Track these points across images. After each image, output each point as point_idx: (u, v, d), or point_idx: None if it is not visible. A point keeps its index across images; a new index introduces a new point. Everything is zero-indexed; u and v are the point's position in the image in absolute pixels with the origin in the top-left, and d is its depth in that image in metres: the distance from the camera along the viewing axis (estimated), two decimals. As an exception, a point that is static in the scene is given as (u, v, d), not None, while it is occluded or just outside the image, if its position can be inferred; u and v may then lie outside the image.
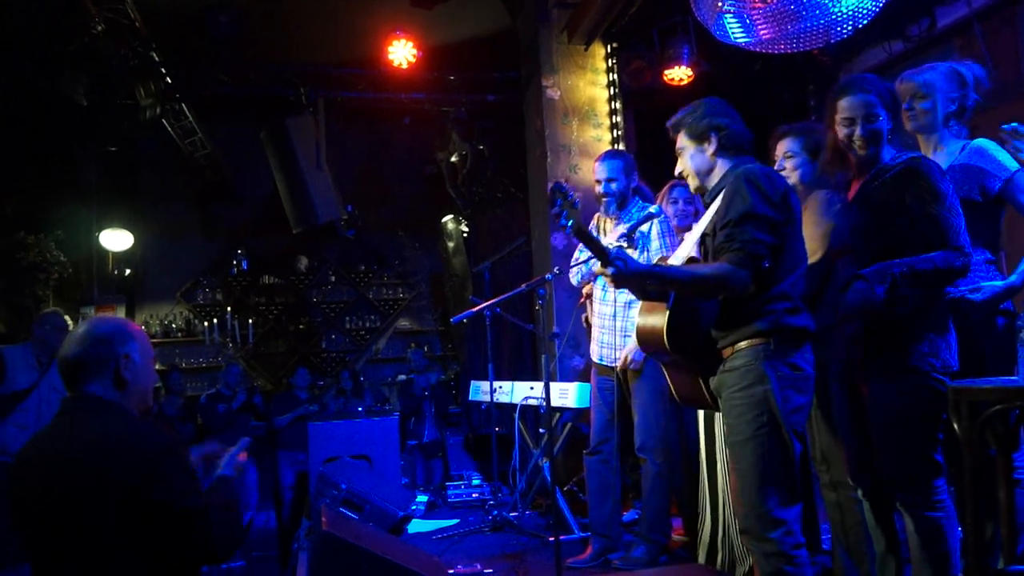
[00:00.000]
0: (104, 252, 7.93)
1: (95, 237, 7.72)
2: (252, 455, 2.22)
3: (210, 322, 8.40)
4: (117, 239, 7.65)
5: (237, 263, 8.66)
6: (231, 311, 8.52)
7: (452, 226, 7.91)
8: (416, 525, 4.43)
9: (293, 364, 8.37)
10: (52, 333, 4.31)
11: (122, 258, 8.06)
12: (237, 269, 8.68)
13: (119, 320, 2.09)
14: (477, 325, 6.95)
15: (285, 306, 8.92)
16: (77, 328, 2.02)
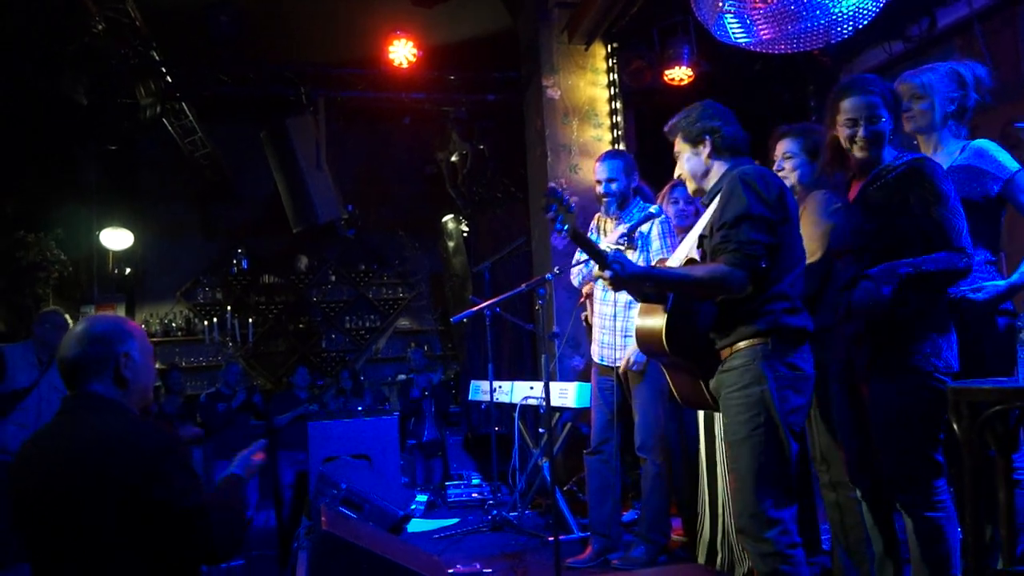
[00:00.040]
0: (104, 251, 7.93)
1: (95, 236, 7.73)
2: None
3: (210, 321, 8.42)
4: (117, 238, 7.66)
5: (237, 262, 8.66)
6: (231, 310, 8.53)
7: (452, 226, 7.91)
8: (416, 524, 4.43)
9: (293, 363, 8.37)
10: (52, 332, 4.31)
11: (122, 257, 8.07)
12: (237, 268, 8.68)
13: (117, 318, 2.08)
14: (477, 325, 6.95)
15: (285, 305, 8.92)
16: (75, 327, 2.00)
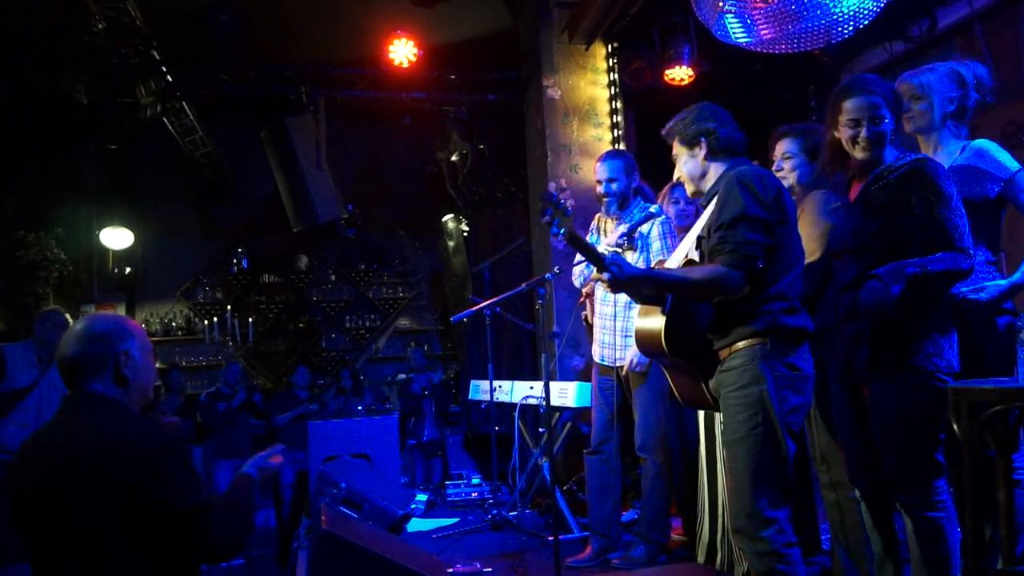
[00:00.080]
0: (104, 250, 7.93)
1: (95, 235, 7.73)
2: (252, 455, 2.21)
3: (210, 320, 8.42)
4: (117, 237, 7.66)
5: (237, 262, 8.66)
6: (231, 310, 8.53)
7: (452, 225, 7.91)
8: (415, 524, 4.44)
9: (293, 363, 8.38)
10: (52, 331, 4.31)
11: (122, 256, 8.07)
12: (237, 268, 8.67)
13: (116, 317, 2.07)
14: (477, 324, 6.95)
15: (285, 305, 8.91)
16: (75, 326, 1.98)
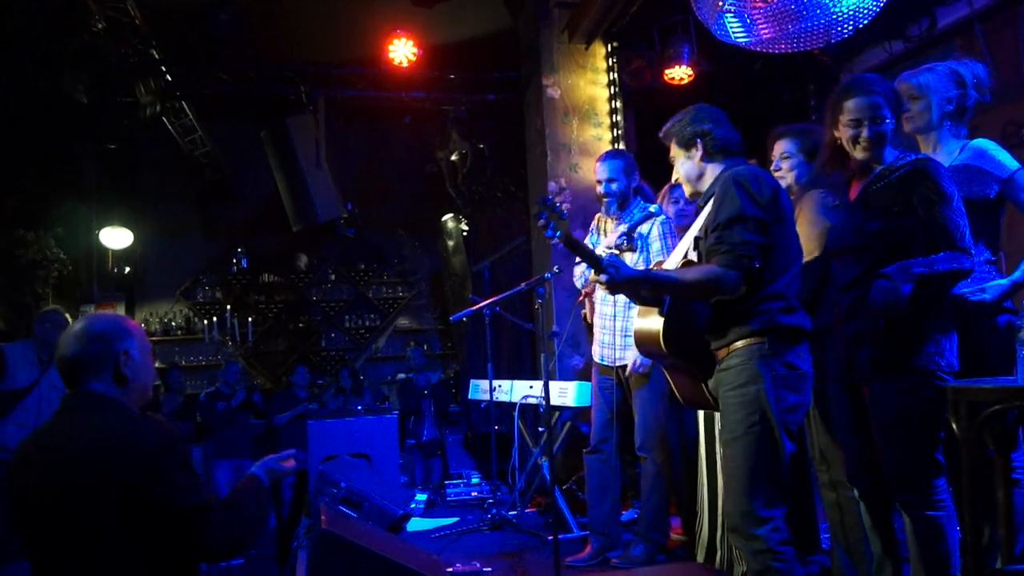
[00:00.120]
0: (104, 250, 7.93)
1: (95, 235, 7.73)
2: (251, 455, 2.21)
3: (210, 320, 8.42)
4: (117, 237, 7.65)
5: (237, 261, 8.66)
6: (231, 309, 8.53)
7: (452, 225, 7.91)
8: (415, 523, 4.44)
9: (292, 362, 8.38)
10: (52, 331, 4.30)
11: (122, 256, 8.06)
12: (237, 267, 8.67)
13: (116, 316, 2.07)
14: (477, 324, 6.95)
15: (285, 304, 8.91)
16: (74, 326, 1.98)
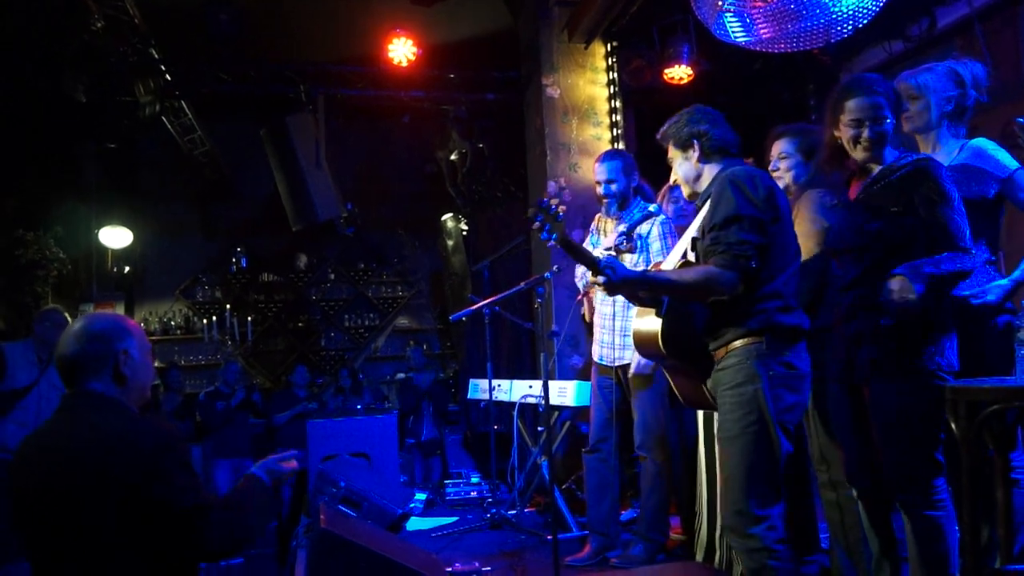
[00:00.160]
0: (103, 249, 7.92)
1: (94, 234, 7.72)
2: (251, 454, 2.21)
3: (209, 320, 8.42)
4: (116, 236, 7.64)
5: (236, 261, 8.66)
6: (230, 309, 8.53)
7: (451, 224, 7.90)
8: (414, 523, 4.44)
9: (292, 362, 8.38)
10: (52, 330, 4.30)
11: (121, 255, 8.05)
12: (236, 267, 8.67)
13: (115, 316, 2.07)
14: (476, 323, 6.95)
15: (284, 304, 8.91)
16: (73, 325, 1.98)
